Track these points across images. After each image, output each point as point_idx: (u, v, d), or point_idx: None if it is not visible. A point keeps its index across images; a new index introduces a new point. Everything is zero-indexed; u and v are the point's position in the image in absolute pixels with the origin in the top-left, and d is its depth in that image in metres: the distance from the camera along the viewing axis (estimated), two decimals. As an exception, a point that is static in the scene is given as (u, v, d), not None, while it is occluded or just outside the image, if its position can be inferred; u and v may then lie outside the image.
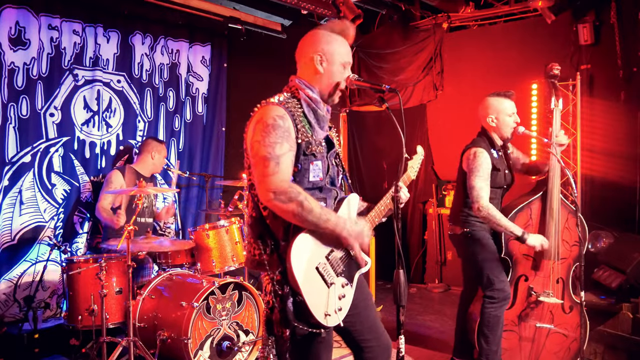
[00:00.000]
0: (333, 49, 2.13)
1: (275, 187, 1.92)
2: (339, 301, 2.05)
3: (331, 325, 2.00)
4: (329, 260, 2.05)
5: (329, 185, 2.18)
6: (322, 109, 2.15)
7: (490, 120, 3.47)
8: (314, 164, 2.08)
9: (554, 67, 3.47)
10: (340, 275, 2.08)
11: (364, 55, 7.00)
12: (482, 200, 3.27)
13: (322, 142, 2.16)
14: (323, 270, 2.01)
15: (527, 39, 5.76)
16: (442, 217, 6.32)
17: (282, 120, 2.01)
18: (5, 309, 4.21)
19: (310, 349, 2.05)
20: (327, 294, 2.00)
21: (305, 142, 2.05)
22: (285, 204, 1.91)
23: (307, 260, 1.96)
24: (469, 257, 3.52)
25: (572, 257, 3.52)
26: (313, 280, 1.97)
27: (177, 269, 4.01)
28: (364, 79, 2.27)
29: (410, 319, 5.08)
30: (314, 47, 2.15)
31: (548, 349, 3.53)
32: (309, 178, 2.07)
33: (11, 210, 4.27)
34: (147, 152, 4.50)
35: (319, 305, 1.97)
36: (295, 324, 1.93)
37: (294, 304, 1.93)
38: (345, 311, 2.07)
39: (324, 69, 2.14)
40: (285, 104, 2.07)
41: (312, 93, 2.13)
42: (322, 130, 2.16)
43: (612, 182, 5.24)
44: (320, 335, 1.99)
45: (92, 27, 4.68)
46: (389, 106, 2.43)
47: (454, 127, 6.17)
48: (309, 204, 1.92)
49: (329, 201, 2.16)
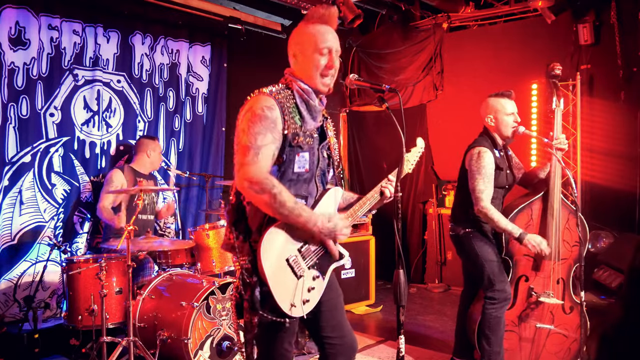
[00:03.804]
0: (303, 40, 2.16)
1: (251, 177, 1.96)
2: (307, 293, 2.08)
3: (296, 315, 2.04)
4: (301, 252, 2.08)
5: (317, 179, 2.21)
6: (314, 100, 2.17)
7: (489, 120, 3.48)
8: (300, 155, 2.11)
9: (556, 67, 3.47)
10: (312, 268, 2.11)
11: (364, 55, 7.00)
12: (483, 202, 3.28)
13: (314, 133, 2.19)
14: (293, 263, 2.04)
15: (527, 39, 5.76)
16: (442, 217, 6.32)
17: (270, 111, 2.04)
18: (5, 309, 4.21)
19: (274, 336, 2.10)
20: (295, 285, 2.04)
21: (292, 134, 2.08)
22: (259, 194, 1.95)
23: (277, 252, 2.00)
24: (469, 257, 3.52)
25: (573, 258, 3.52)
26: (282, 272, 2.01)
27: (177, 269, 4.01)
28: (364, 79, 2.28)
29: (410, 319, 5.08)
30: (291, 43, 2.21)
31: (548, 349, 3.53)
32: (294, 169, 2.11)
33: (11, 210, 4.27)
34: (143, 151, 4.51)
35: (286, 296, 2.01)
36: (261, 312, 1.99)
37: (261, 294, 1.98)
38: (312, 303, 2.10)
39: (299, 61, 2.17)
40: (277, 94, 2.10)
41: (303, 84, 2.15)
42: (313, 121, 2.18)
43: (612, 182, 5.23)
44: (284, 325, 2.04)
45: (92, 27, 4.68)
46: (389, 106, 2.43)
47: (454, 127, 6.17)
48: (282, 197, 1.95)
49: (313, 193, 2.19)
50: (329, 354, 2.26)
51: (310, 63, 2.14)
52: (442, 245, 6.34)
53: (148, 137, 4.64)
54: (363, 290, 5.54)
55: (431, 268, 6.41)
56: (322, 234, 2.06)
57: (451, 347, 3.84)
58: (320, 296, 2.14)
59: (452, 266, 6.19)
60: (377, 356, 4.11)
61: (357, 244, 5.52)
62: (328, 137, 2.27)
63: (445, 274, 6.32)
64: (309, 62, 2.14)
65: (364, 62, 7.01)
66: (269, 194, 1.95)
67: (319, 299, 2.13)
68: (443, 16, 6.33)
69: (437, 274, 6.35)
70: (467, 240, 3.48)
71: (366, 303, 5.54)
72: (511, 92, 3.48)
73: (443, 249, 6.33)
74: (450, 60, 6.37)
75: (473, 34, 6.32)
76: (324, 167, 2.26)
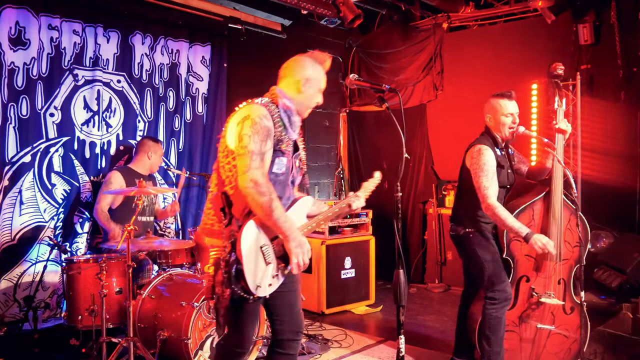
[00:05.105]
0: (315, 76, 2.56)
1: (257, 179, 2.27)
2: (272, 279, 2.41)
3: (260, 295, 2.36)
4: (272, 244, 2.41)
5: (290, 183, 2.54)
6: (296, 117, 2.53)
7: (488, 120, 3.50)
8: (280, 158, 2.43)
9: (558, 67, 3.46)
10: (278, 259, 2.44)
11: (364, 55, 7.00)
12: (490, 199, 3.26)
13: (291, 143, 2.53)
14: (265, 251, 2.38)
15: (527, 39, 5.76)
16: (442, 217, 6.32)
17: (267, 120, 2.37)
18: (5, 309, 4.21)
19: (240, 310, 2.45)
20: (263, 270, 2.37)
21: (278, 140, 2.41)
22: (259, 196, 2.26)
23: (254, 239, 2.34)
24: (470, 258, 3.52)
25: (574, 258, 3.52)
26: (255, 256, 2.34)
27: (177, 269, 4.00)
28: (364, 79, 2.32)
29: (410, 319, 5.08)
30: (301, 72, 2.55)
31: (549, 349, 3.53)
32: (272, 169, 2.42)
33: (11, 210, 4.27)
34: (144, 152, 4.51)
35: (254, 277, 2.33)
36: (232, 287, 2.30)
37: (235, 271, 2.29)
38: (274, 287, 2.44)
39: (305, 91, 2.54)
40: (267, 105, 2.43)
41: (289, 103, 2.51)
42: (294, 133, 2.53)
43: (612, 181, 5.23)
44: (249, 301, 2.37)
45: (92, 27, 4.68)
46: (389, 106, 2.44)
47: (454, 127, 6.17)
48: (276, 202, 2.29)
49: (285, 195, 2.51)
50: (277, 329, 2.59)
51: (314, 96, 2.57)
52: (442, 245, 6.34)
53: (152, 139, 4.64)
54: (363, 290, 5.54)
55: (431, 268, 6.41)
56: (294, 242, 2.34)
57: (451, 347, 3.84)
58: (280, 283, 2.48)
59: (452, 266, 6.19)
60: (377, 356, 4.11)
61: (357, 244, 5.52)
62: (300, 149, 2.61)
63: (445, 274, 6.31)
64: (313, 95, 2.56)
65: (364, 62, 7.01)
66: (268, 198, 2.26)
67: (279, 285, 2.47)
68: (443, 16, 6.33)
69: (437, 274, 6.35)
70: (468, 240, 3.48)
71: (366, 303, 5.54)
72: (512, 93, 3.48)
73: (443, 249, 6.33)
74: (450, 60, 6.37)
75: (473, 34, 6.32)
76: (296, 175, 2.59)
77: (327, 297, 5.21)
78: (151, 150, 4.52)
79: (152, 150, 4.52)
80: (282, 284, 2.49)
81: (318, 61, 2.59)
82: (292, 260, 2.35)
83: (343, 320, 5.04)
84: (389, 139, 6.64)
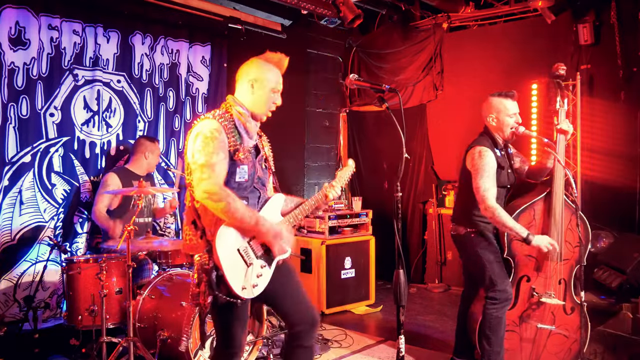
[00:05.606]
0: (263, 76, 2.54)
1: (209, 189, 2.33)
2: (257, 279, 2.44)
3: (246, 297, 2.40)
4: (250, 245, 2.45)
5: (256, 186, 2.57)
6: (251, 122, 2.55)
7: (490, 120, 3.47)
8: (240, 167, 2.48)
9: (560, 67, 3.46)
10: (259, 258, 2.47)
11: (364, 55, 7.01)
12: (489, 200, 3.26)
13: (251, 149, 2.57)
14: (243, 253, 2.42)
15: (527, 39, 5.76)
16: (442, 217, 6.32)
17: (218, 132, 2.42)
18: (5, 309, 4.21)
19: (227, 316, 2.50)
20: (245, 271, 2.40)
21: (233, 150, 2.45)
22: (216, 203, 2.32)
23: (230, 243, 2.39)
24: (471, 258, 3.52)
25: (575, 259, 3.52)
26: (233, 260, 2.38)
27: (177, 269, 4.00)
28: (364, 79, 2.31)
29: (410, 319, 5.08)
30: (250, 74, 2.56)
31: (549, 349, 3.53)
32: (235, 179, 2.47)
33: (11, 210, 4.27)
34: (141, 153, 4.50)
35: (237, 279, 2.37)
36: (216, 293, 2.34)
37: (216, 277, 2.34)
38: (261, 288, 2.46)
39: (255, 92, 2.54)
40: (220, 118, 2.47)
41: (242, 109, 2.54)
42: (251, 140, 2.56)
43: (612, 181, 5.23)
44: (236, 305, 2.41)
45: (92, 27, 4.67)
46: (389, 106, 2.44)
47: (454, 127, 6.18)
48: (235, 204, 2.34)
49: (251, 199, 2.54)
50: (288, 323, 2.61)
51: (266, 96, 2.55)
52: (442, 245, 6.34)
53: (148, 139, 4.62)
54: (363, 290, 5.54)
55: (431, 268, 6.41)
56: (269, 235, 2.41)
57: (451, 347, 3.84)
58: (269, 281, 2.50)
59: (452, 266, 6.19)
60: (377, 356, 4.11)
61: (357, 244, 5.52)
62: (262, 152, 2.65)
63: (445, 274, 6.32)
64: (265, 95, 2.54)
65: (364, 62, 7.01)
66: (225, 202, 2.32)
67: (267, 284, 2.49)
68: (443, 16, 6.33)
69: (437, 274, 6.35)
70: (469, 240, 3.48)
71: (366, 303, 5.54)
72: (514, 93, 3.47)
73: (443, 249, 6.33)
74: (450, 60, 6.37)
75: (473, 34, 6.33)
76: (264, 177, 2.63)
77: (327, 297, 5.21)
78: (148, 150, 4.50)
79: (149, 150, 4.51)
80: (272, 279, 2.51)
81: (268, 61, 2.58)
82: (274, 251, 2.42)
83: (343, 320, 5.04)
84: (389, 139, 6.64)
